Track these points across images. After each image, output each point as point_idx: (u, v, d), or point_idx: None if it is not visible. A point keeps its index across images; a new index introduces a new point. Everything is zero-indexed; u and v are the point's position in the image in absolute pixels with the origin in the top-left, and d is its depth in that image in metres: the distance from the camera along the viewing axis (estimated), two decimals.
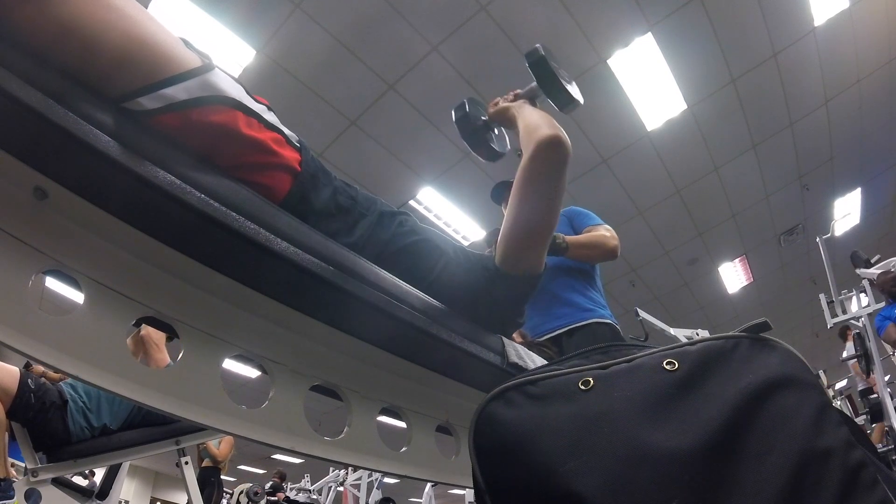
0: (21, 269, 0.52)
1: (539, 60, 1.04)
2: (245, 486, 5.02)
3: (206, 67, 0.64)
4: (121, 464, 1.98)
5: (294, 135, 0.80)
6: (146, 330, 1.88)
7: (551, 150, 0.87)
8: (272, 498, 5.52)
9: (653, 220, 5.25)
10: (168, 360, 1.96)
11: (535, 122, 0.94)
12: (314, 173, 0.79)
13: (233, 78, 0.71)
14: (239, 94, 0.69)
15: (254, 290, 0.67)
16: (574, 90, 1.07)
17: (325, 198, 0.80)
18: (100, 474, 2.10)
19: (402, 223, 0.89)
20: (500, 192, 2.05)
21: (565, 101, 1.06)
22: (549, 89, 1.05)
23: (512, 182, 2.13)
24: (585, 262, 1.83)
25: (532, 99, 1.09)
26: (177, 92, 0.60)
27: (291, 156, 0.76)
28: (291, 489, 6.35)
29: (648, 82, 3.90)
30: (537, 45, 1.06)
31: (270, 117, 0.74)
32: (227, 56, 3.34)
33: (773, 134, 4.59)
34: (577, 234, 1.88)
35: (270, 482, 5.76)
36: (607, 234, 1.80)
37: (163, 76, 0.59)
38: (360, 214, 0.84)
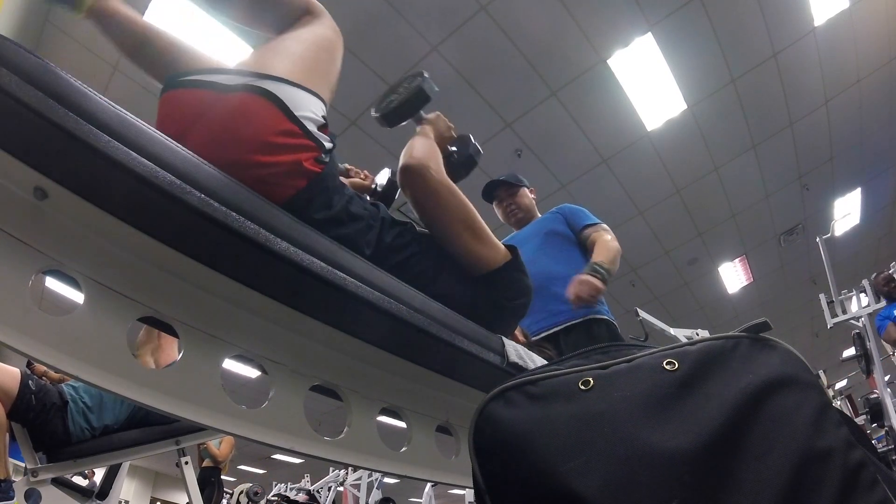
0: (21, 269, 0.52)
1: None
2: (245, 486, 5.02)
3: None
4: (121, 464, 1.98)
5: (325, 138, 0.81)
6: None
7: (405, 176, 0.94)
8: (272, 498, 5.52)
9: (653, 220, 5.25)
10: (175, 357, 1.96)
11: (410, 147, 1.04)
12: (329, 179, 0.80)
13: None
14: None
15: (254, 290, 0.67)
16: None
17: (340, 205, 0.81)
18: (100, 474, 2.09)
19: (401, 234, 0.90)
20: (490, 191, 2.06)
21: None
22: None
23: (501, 181, 2.13)
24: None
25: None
26: None
27: (308, 155, 0.76)
28: (291, 489, 6.35)
29: (648, 82, 3.90)
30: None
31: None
32: (226, 56, 3.33)
33: (773, 134, 4.59)
34: (574, 231, 1.88)
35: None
36: (608, 236, 1.81)
37: None
38: (369, 226, 0.85)
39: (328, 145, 0.81)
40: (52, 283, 4.31)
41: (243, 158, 0.70)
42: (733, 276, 6.53)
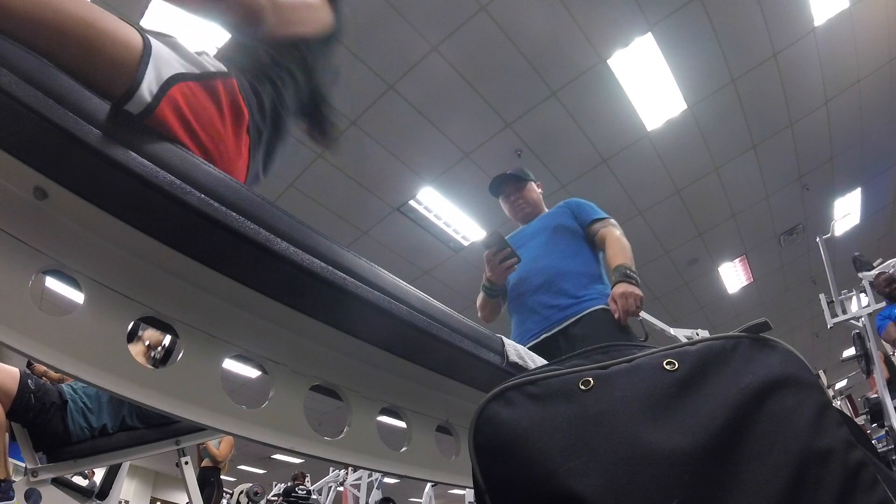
0: (21, 269, 0.52)
1: None
2: (245, 486, 5.02)
3: (146, 53, 0.61)
4: (121, 464, 1.98)
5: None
6: None
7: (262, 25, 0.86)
8: (272, 498, 5.53)
9: (653, 220, 5.25)
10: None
11: None
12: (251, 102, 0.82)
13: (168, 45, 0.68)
14: (184, 61, 0.68)
15: (254, 290, 0.67)
16: None
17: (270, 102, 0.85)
18: (100, 474, 2.10)
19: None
20: (497, 186, 2.03)
21: None
22: None
23: (508, 175, 2.08)
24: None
25: None
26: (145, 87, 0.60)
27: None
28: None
29: (648, 82, 3.90)
30: None
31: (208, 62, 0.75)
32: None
33: (773, 134, 4.59)
34: (581, 226, 1.85)
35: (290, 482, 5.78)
36: (618, 232, 1.79)
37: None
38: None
39: (214, 68, 0.74)
40: (52, 283, 4.31)
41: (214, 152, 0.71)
42: (733, 276, 6.54)
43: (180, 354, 0.64)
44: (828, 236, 4.69)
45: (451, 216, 4.91)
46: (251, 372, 5.65)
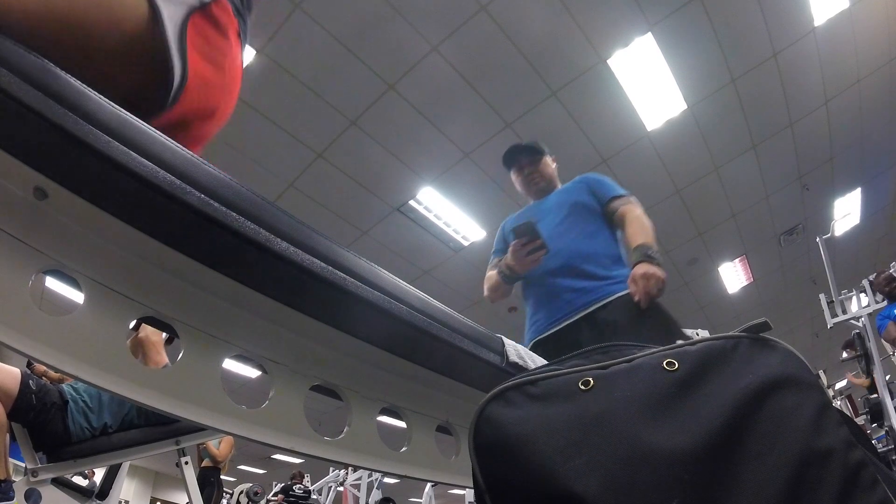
0: (21, 269, 0.52)
1: None
2: (245, 486, 5.03)
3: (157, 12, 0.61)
4: (121, 464, 1.98)
5: None
6: (144, 332, 1.87)
7: None
8: (272, 498, 5.53)
9: (653, 219, 5.22)
10: (166, 361, 1.95)
11: None
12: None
13: None
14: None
15: (254, 290, 0.67)
16: None
17: None
18: (100, 474, 2.10)
19: None
20: (512, 157, 1.93)
21: None
22: None
23: (525, 146, 1.95)
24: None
25: None
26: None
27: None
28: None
29: (648, 82, 3.90)
30: None
31: None
32: None
33: (773, 134, 4.60)
34: (600, 203, 1.78)
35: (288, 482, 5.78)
36: (638, 210, 1.71)
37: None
38: None
39: None
40: (52, 283, 4.32)
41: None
42: (733, 276, 6.54)
43: (180, 354, 0.64)
44: (828, 236, 4.69)
45: (451, 216, 4.91)
46: (251, 372, 5.65)
